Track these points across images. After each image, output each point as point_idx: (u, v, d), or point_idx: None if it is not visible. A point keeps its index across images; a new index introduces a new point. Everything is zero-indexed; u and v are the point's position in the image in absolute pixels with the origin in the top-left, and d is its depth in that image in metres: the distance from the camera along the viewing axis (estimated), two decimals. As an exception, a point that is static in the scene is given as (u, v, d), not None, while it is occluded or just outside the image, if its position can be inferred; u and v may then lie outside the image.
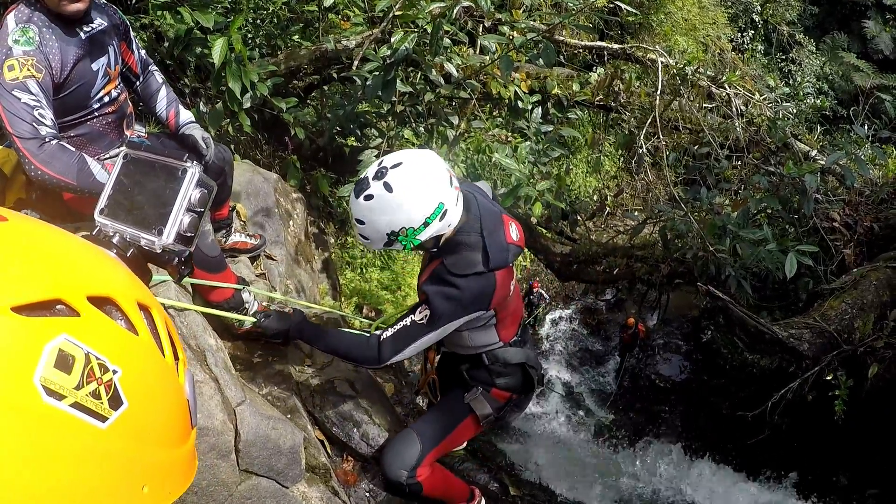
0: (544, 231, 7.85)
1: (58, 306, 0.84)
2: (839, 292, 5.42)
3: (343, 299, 7.19)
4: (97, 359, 0.84)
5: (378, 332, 3.11)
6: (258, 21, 6.26)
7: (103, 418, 0.83)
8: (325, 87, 7.00)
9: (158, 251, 2.05)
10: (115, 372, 0.86)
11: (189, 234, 2.11)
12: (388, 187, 2.68)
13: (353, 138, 6.26)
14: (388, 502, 3.82)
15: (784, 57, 20.33)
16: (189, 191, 2.08)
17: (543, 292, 15.36)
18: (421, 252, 3.33)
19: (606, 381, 14.71)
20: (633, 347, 13.94)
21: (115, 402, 0.85)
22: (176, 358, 1.03)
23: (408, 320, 2.99)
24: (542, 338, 15.62)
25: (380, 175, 2.72)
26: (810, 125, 7.76)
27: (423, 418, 3.68)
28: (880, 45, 21.62)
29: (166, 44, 5.38)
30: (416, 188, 2.71)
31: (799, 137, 6.94)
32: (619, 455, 10.43)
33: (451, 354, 3.65)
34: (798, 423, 6.46)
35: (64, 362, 0.80)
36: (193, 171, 2.12)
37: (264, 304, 4.02)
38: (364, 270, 8.47)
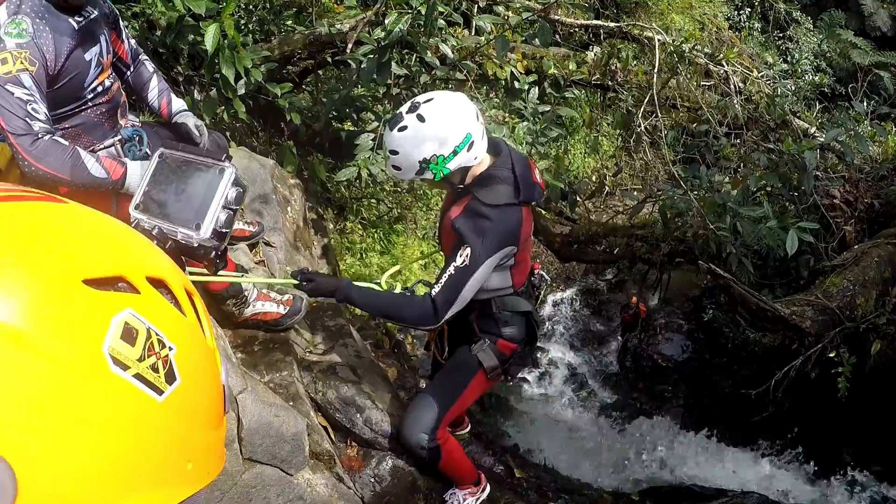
0: (543, 212, 7.81)
1: (120, 283, 0.90)
2: (841, 269, 5.40)
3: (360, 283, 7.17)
4: (156, 334, 0.89)
5: (426, 292, 3.16)
6: (251, 6, 6.21)
7: (160, 391, 0.87)
8: (320, 72, 6.97)
9: (195, 245, 2.07)
10: (170, 349, 0.91)
11: (224, 231, 2.15)
12: (420, 118, 2.93)
13: (349, 123, 6.22)
14: (394, 487, 3.82)
15: (781, 35, 20.21)
16: (226, 189, 2.12)
17: (544, 273, 15.28)
18: (443, 191, 3.66)
19: (609, 362, 14.68)
20: (634, 327, 13.94)
21: (170, 377, 0.89)
22: None
23: (451, 268, 3.06)
24: (543, 319, 15.60)
25: (413, 108, 2.98)
26: (809, 102, 7.73)
27: (435, 381, 3.88)
28: (878, 23, 21.50)
29: (158, 32, 5.34)
30: (446, 118, 2.95)
31: (798, 115, 6.91)
32: (622, 435, 10.44)
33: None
34: (801, 400, 6.44)
35: (129, 335, 0.85)
36: (231, 170, 2.16)
37: (263, 291, 4.00)
38: (364, 255, 8.47)
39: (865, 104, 5.99)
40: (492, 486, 4.44)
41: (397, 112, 3.07)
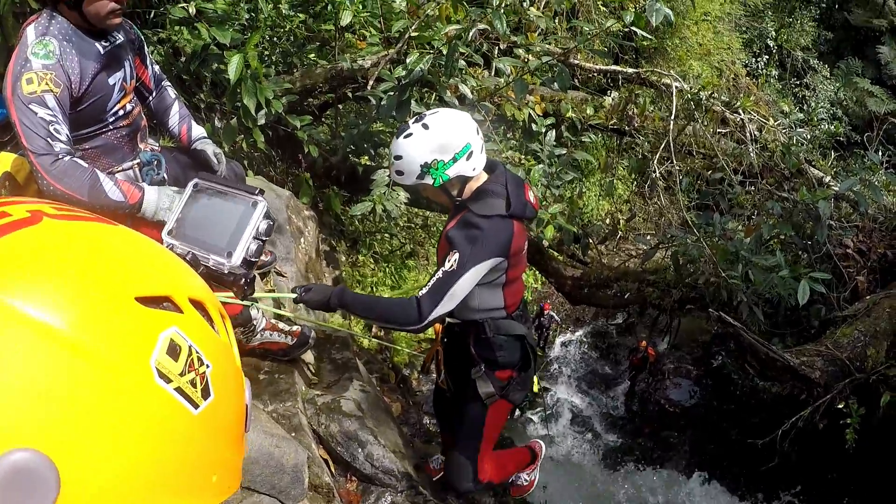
0: (555, 254, 7.82)
1: (166, 303, 0.99)
2: (852, 320, 5.37)
3: (352, 318, 7.18)
4: (196, 352, 0.98)
5: (413, 296, 3.23)
6: (275, 38, 6.29)
7: (196, 405, 0.96)
8: (340, 106, 7.03)
9: (225, 272, 2.14)
10: (207, 366, 0.99)
11: (253, 260, 2.23)
12: (425, 126, 3.13)
13: (366, 157, 6.27)
14: (393, 524, 3.81)
15: (798, 82, 20.28)
16: (258, 221, 2.20)
17: (554, 314, 15.32)
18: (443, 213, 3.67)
19: (615, 405, 14.58)
20: (642, 371, 13.88)
21: (206, 392, 0.98)
22: None
23: (439, 272, 3.15)
24: (551, 360, 15.55)
25: (419, 119, 3.19)
26: (824, 151, 7.73)
27: (457, 436, 3.96)
28: (895, 71, 21.57)
29: (183, 59, 5.42)
30: (449, 127, 3.15)
31: (813, 163, 6.91)
32: (627, 481, 10.36)
33: (458, 334, 3.73)
34: (809, 451, 6.39)
35: (173, 350, 0.94)
36: (263, 204, 2.24)
37: (272, 321, 4.01)
38: (374, 289, 8.46)
39: (880, 153, 5.99)
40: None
41: (404, 123, 3.29)
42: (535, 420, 13.21)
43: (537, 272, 10.83)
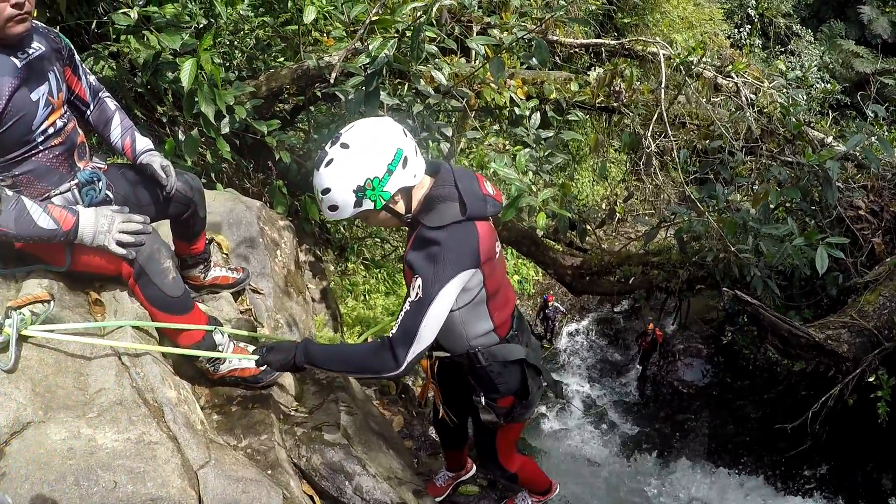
0: (552, 244, 7.50)
1: None
2: (874, 285, 5.02)
3: (345, 329, 6.83)
4: None
5: (385, 336, 2.81)
6: (236, 43, 5.95)
7: None
8: (312, 108, 6.69)
9: None
10: None
11: None
12: (344, 146, 2.64)
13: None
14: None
15: (783, 49, 20.07)
16: None
17: (559, 305, 15.12)
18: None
19: (628, 391, 14.40)
20: (652, 354, 13.69)
21: None
22: None
23: (406, 305, 2.71)
24: (559, 351, 15.33)
25: (335, 141, 2.70)
26: (821, 112, 7.41)
27: (476, 439, 3.83)
28: (878, 30, 21.35)
29: (138, 72, 5.08)
30: (371, 139, 2.67)
31: (812, 125, 6.59)
32: (647, 473, 10.05)
33: (449, 364, 3.40)
34: (837, 428, 6.06)
35: None
36: None
37: (241, 344, 3.64)
38: (367, 297, 8.14)
39: (881, 109, 5.63)
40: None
41: (319, 152, 2.78)
42: (548, 415, 12.96)
43: (535, 264, 10.48)
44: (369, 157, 2.61)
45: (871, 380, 4.75)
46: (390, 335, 2.72)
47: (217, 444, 2.95)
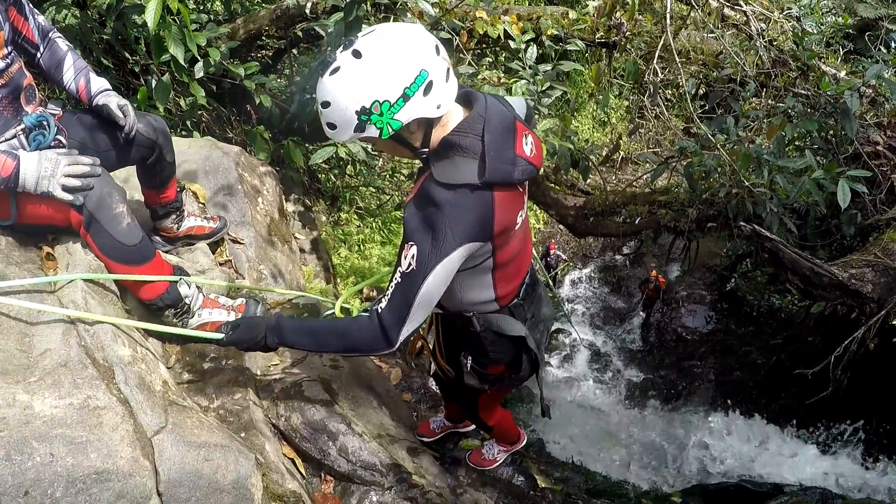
0: (553, 185, 7.17)
1: None
2: (896, 223, 4.73)
3: (339, 280, 6.55)
4: None
5: (372, 309, 2.40)
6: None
7: None
8: (295, 51, 6.35)
9: None
10: None
11: None
12: (356, 54, 2.12)
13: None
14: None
15: (783, -6, 19.60)
16: None
17: (560, 253, 14.95)
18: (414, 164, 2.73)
19: (632, 339, 14.31)
20: (655, 301, 13.58)
21: None
22: None
23: (397, 276, 2.28)
24: (562, 300, 15.18)
25: (347, 45, 2.17)
26: (830, 46, 7.07)
27: (458, 389, 3.34)
28: (882, -25, 20.84)
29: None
30: (390, 51, 2.13)
31: (823, 59, 6.26)
32: (654, 419, 9.89)
33: (444, 317, 3.01)
34: (856, 373, 5.81)
35: None
36: None
37: (211, 296, 3.35)
38: (362, 247, 7.85)
39: (894, 45, 5.29)
40: (512, 503, 3.91)
41: (329, 56, 2.26)
42: (552, 363, 12.82)
43: (536, 207, 10.15)
44: (383, 75, 2.11)
45: (894, 322, 4.47)
46: (379, 310, 2.33)
47: (178, 407, 2.64)
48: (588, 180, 6.61)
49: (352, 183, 8.00)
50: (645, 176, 7.85)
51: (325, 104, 2.18)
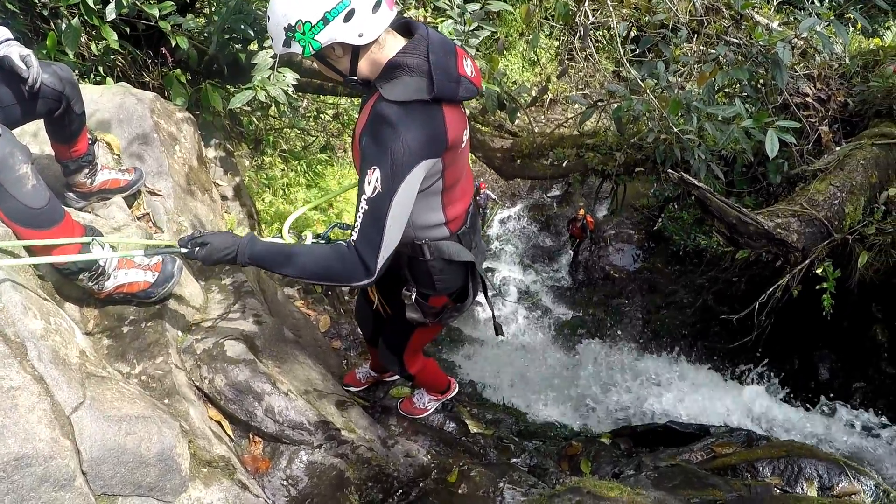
0: (480, 126, 7.08)
1: None
2: (824, 174, 4.76)
3: (263, 227, 6.39)
4: None
5: (348, 240, 2.43)
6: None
7: None
8: (213, -11, 6.07)
9: None
10: None
11: None
12: None
13: (255, 43, 5.33)
14: (315, 487, 3.09)
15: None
16: None
17: (490, 193, 14.97)
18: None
19: (561, 276, 14.46)
20: (583, 239, 13.73)
21: None
22: None
23: (363, 203, 2.33)
24: (491, 239, 15.24)
25: None
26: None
27: (386, 330, 3.48)
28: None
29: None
30: None
31: (757, 9, 6.24)
32: (583, 358, 10.01)
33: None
34: (780, 317, 5.93)
35: None
36: None
37: (129, 257, 3.20)
38: (287, 191, 7.67)
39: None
40: (445, 451, 3.91)
41: None
42: (481, 302, 12.86)
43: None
44: None
45: (818, 271, 4.55)
46: (353, 240, 2.37)
47: (97, 378, 2.50)
48: (516, 122, 6.53)
49: (276, 125, 7.77)
50: (573, 118, 7.80)
51: (268, 18, 2.36)
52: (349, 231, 2.45)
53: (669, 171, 4.16)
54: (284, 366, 3.42)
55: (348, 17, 2.27)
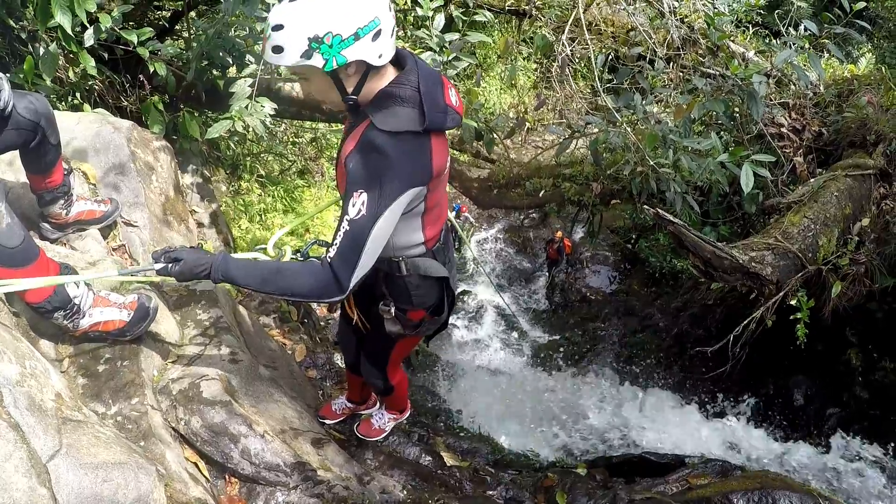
0: (458, 154, 7.10)
1: None
2: (798, 206, 4.81)
3: (240, 254, 6.36)
4: None
5: (323, 256, 2.46)
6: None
7: None
8: (193, 15, 6.05)
9: None
10: None
11: None
12: None
13: (232, 69, 5.31)
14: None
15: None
16: None
17: (469, 216, 15.00)
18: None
19: (537, 299, 14.44)
20: (560, 261, 13.74)
21: None
22: None
23: (345, 223, 2.36)
24: (468, 261, 15.22)
25: None
26: (739, 26, 7.14)
27: (366, 346, 3.53)
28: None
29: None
30: None
31: (733, 38, 6.33)
32: (561, 383, 9.94)
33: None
34: (756, 348, 5.97)
35: None
36: None
37: (102, 293, 3.16)
38: (263, 217, 7.64)
39: (803, 28, 5.32)
40: (421, 486, 3.90)
41: None
42: (458, 325, 12.82)
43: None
44: (343, 10, 2.24)
45: (792, 302, 4.59)
46: (329, 257, 2.40)
47: (73, 423, 2.47)
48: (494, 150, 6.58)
49: (253, 150, 7.76)
50: (551, 145, 7.82)
51: (278, 27, 2.26)
52: (327, 247, 2.47)
53: (645, 206, 4.19)
54: (260, 405, 3.39)
55: (376, 37, 2.29)
